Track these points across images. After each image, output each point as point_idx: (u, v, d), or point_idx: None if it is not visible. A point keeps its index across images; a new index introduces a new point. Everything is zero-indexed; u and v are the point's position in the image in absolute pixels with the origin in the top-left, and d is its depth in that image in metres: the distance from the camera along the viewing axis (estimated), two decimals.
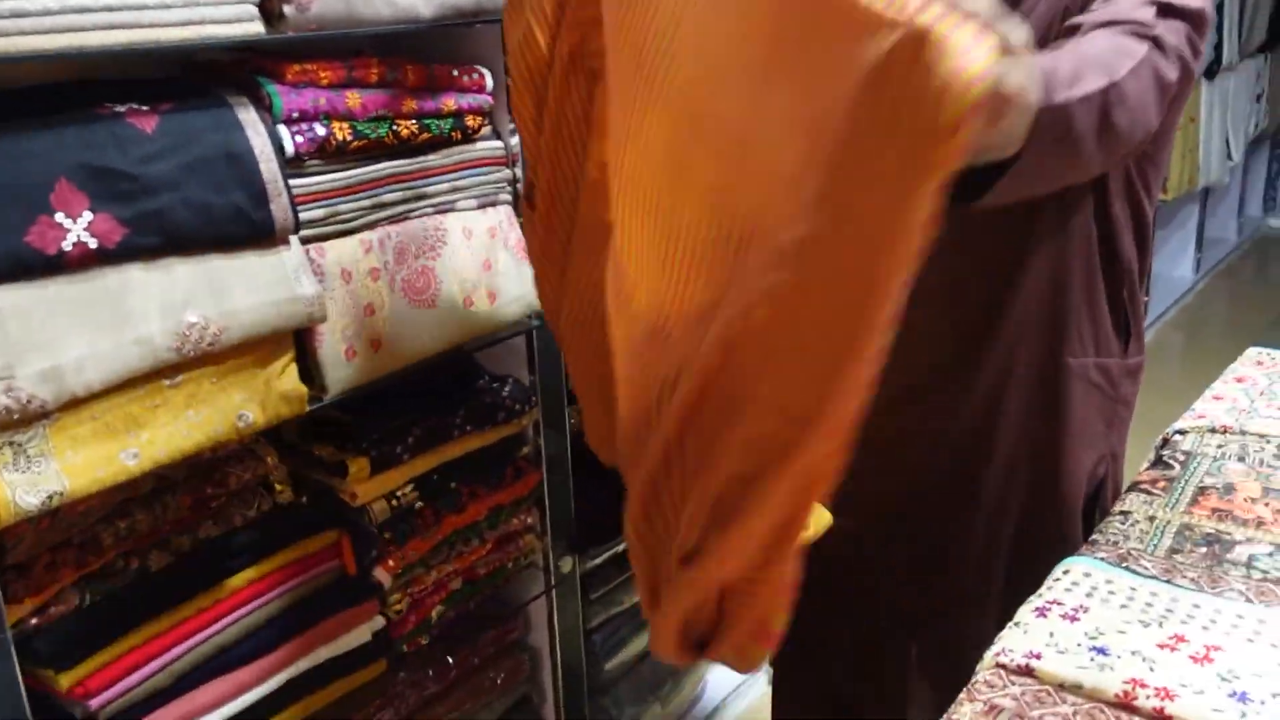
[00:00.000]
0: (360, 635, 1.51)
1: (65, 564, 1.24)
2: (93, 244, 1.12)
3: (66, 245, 1.10)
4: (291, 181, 1.29)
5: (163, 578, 1.31)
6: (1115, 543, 1.16)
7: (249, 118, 1.25)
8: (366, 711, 1.59)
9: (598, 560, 1.99)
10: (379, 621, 1.53)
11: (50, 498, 1.09)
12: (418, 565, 1.58)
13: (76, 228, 1.11)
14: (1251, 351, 1.95)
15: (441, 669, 1.71)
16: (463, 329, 1.53)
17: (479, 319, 1.55)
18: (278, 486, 1.44)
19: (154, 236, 1.17)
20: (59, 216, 1.10)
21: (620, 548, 2.01)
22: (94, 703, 1.23)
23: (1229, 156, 5.16)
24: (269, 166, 1.25)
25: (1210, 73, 4.52)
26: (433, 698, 1.70)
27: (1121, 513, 1.23)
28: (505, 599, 1.83)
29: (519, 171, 1.58)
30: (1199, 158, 4.78)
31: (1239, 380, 1.81)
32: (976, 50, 0.65)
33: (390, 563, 1.52)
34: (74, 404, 1.12)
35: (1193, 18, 1.09)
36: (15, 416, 1.07)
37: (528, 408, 1.69)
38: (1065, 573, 1.10)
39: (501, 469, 1.68)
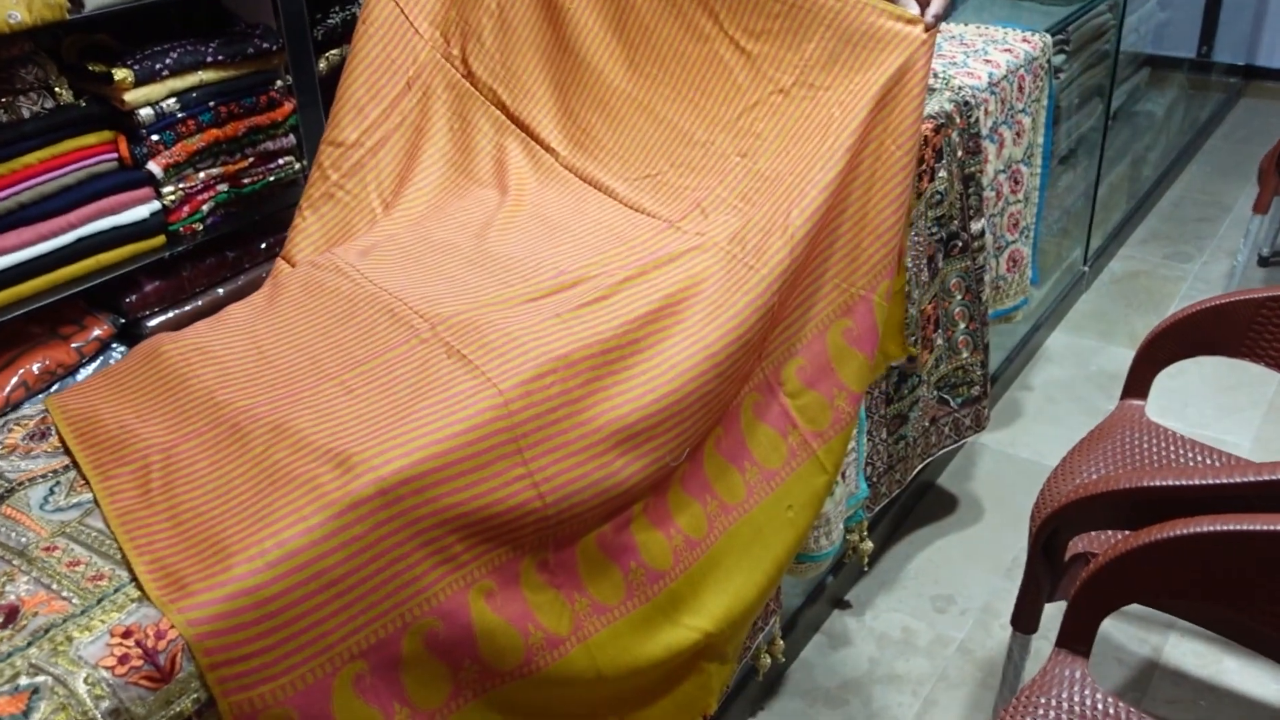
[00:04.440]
0: (139, 213, 1.97)
1: None
2: None
3: None
4: None
5: None
6: None
7: None
8: (160, 286, 2.09)
9: None
10: (155, 205, 2.00)
11: None
12: (186, 165, 2.03)
13: None
14: None
15: (221, 261, 2.20)
16: None
17: None
18: (58, 90, 1.87)
19: None
20: None
21: None
22: None
23: None
24: None
25: None
26: (217, 282, 2.19)
27: None
28: (274, 211, 2.30)
29: None
30: None
31: None
32: None
33: (161, 159, 1.98)
34: None
35: None
36: None
37: (275, 48, 2.12)
38: None
39: (255, 96, 2.12)
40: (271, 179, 2.21)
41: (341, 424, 1.14)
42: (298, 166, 2.26)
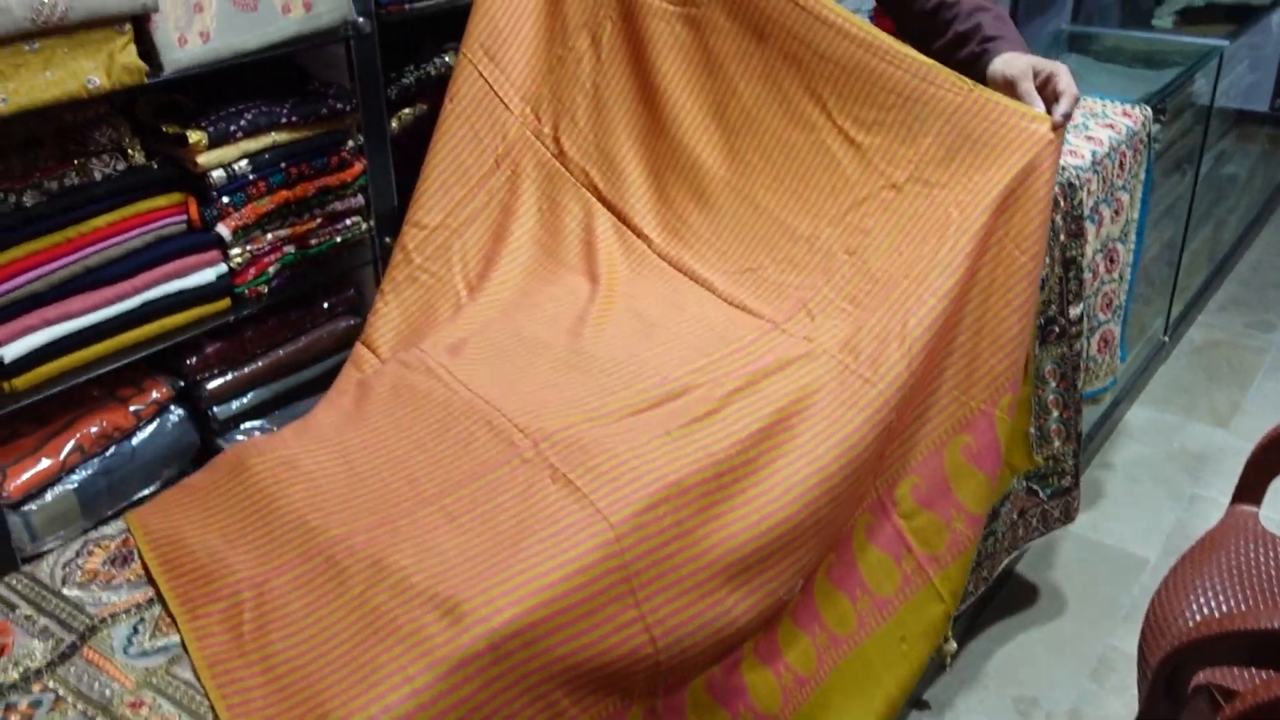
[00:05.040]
0: (206, 276, 1.92)
1: None
2: None
3: None
4: None
5: (36, 212, 1.70)
6: None
7: None
8: (222, 348, 2.03)
9: None
10: (222, 268, 1.94)
11: None
12: (254, 227, 1.98)
13: None
14: None
15: (284, 321, 2.14)
16: (282, 31, 1.87)
17: (296, 24, 1.89)
18: (130, 151, 1.82)
19: None
20: None
21: None
22: None
23: None
24: None
25: None
26: (277, 343, 2.13)
27: None
28: (339, 272, 2.24)
29: None
30: None
31: None
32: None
33: (230, 221, 1.93)
34: None
35: None
36: None
37: (349, 108, 2.06)
38: None
39: (327, 157, 2.06)
40: (339, 239, 2.15)
41: (445, 561, 1.05)
42: (365, 227, 2.20)
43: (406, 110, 2.23)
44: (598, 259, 1.46)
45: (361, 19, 2.02)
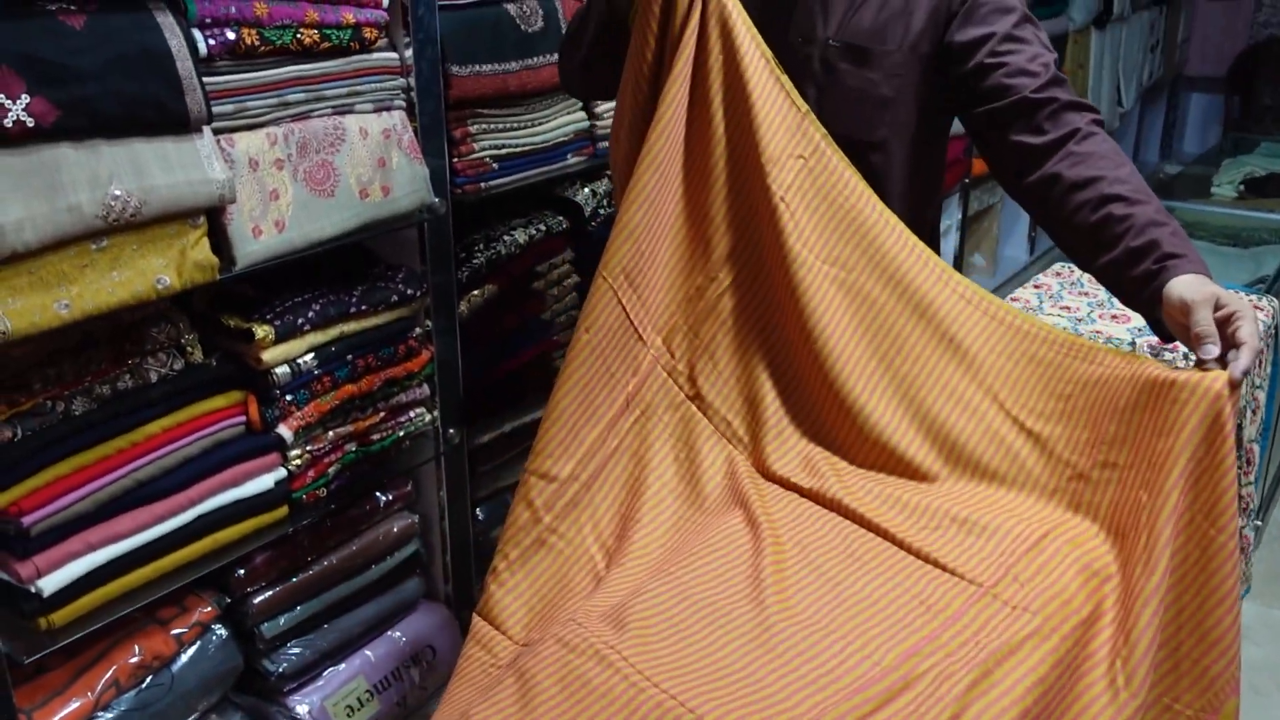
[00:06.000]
0: (264, 483, 1.73)
1: None
2: (30, 122, 1.30)
3: (8, 122, 1.28)
4: (204, 79, 1.47)
5: (85, 421, 1.51)
6: None
7: (166, 21, 1.43)
8: (271, 556, 1.82)
9: (485, 439, 2.22)
10: (281, 472, 1.75)
11: None
12: (316, 426, 1.79)
13: (16, 108, 1.29)
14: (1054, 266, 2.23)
15: (338, 522, 1.94)
16: (359, 217, 1.73)
17: (373, 209, 1.75)
18: (189, 349, 1.64)
19: (83, 119, 1.35)
20: (0, 97, 1.28)
21: (507, 429, 2.24)
22: (26, 520, 1.44)
23: (1119, 103, 5.45)
24: (184, 64, 1.44)
25: (1100, 22, 4.78)
26: (330, 548, 1.93)
27: None
28: (399, 468, 2.06)
29: (412, 80, 1.78)
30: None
31: (1035, 287, 2.09)
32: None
33: (292, 421, 1.74)
34: (14, 259, 1.31)
35: None
36: None
37: (419, 293, 1.91)
38: None
39: (394, 346, 1.90)
40: (401, 433, 1.97)
41: None
42: (429, 418, 2.02)
43: (475, 292, 2.08)
44: (750, 504, 1.28)
45: (437, 200, 1.88)
